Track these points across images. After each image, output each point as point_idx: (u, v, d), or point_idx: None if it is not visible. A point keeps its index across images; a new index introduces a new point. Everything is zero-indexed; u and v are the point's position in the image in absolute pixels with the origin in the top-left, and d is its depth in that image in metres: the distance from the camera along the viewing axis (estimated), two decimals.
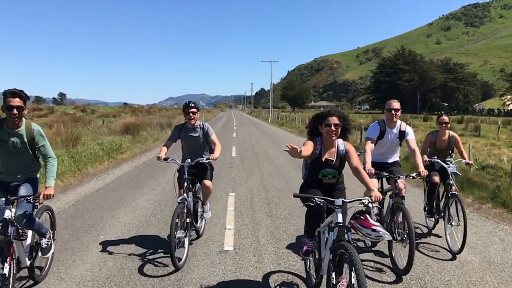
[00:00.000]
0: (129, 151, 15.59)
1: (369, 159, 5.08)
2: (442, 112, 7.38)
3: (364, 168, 4.37)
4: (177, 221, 4.60)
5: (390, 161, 5.50)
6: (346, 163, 3.89)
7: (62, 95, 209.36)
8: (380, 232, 3.24)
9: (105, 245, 5.45)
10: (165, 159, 5.22)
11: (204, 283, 4.29)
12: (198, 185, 5.67)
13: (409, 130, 5.37)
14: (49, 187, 3.93)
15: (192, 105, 5.38)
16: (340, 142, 3.87)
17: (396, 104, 5.23)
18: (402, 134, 5.33)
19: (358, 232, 3.33)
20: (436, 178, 5.81)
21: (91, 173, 10.99)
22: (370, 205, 3.43)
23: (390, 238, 3.53)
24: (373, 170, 4.92)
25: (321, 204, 3.46)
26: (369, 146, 5.21)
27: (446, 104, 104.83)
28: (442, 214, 5.74)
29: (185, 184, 5.10)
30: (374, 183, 4.51)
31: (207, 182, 5.47)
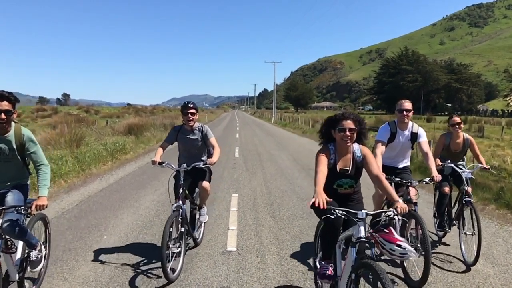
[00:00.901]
0: (132, 152, 15.64)
1: (379, 163, 4.72)
2: (455, 112, 7.10)
3: None
4: (170, 230, 4.30)
5: (400, 165, 5.22)
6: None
7: (66, 95, 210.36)
8: (406, 249, 2.86)
9: (108, 245, 5.47)
10: (160, 163, 4.92)
11: (207, 284, 4.30)
12: (197, 190, 5.42)
13: (421, 132, 5.07)
14: (42, 197, 3.58)
15: (191, 105, 5.11)
16: (356, 148, 3.56)
17: (408, 104, 4.93)
18: (414, 137, 5.04)
19: (380, 247, 2.96)
20: (447, 189, 5.42)
21: (95, 174, 11.02)
22: (396, 218, 3.08)
23: (416, 257, 3.14)
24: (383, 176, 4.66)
25: (342, 217, 3.06)
26: (380, 149, 4.87)
27: (450, 104, 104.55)
28: (456, 222, 5.43)
29: (181, 190, 4.81)
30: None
31: (204, 184, 5.23)
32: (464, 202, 5.15)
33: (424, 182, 4.74)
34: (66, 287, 4.21)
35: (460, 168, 5.36)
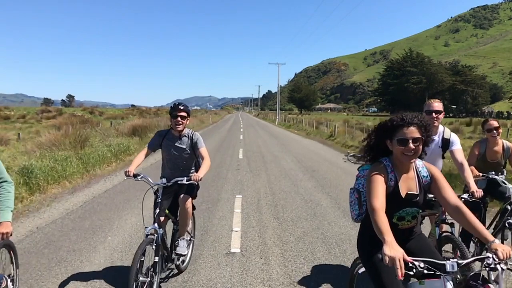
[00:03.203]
0: (136, 153, 15.64)
1: None
2: (490, 116, 5.75)
3: None
4: (142, 259, 3.50)
5: None
6: None
7: (70, 97, 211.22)
8: None
9: (112, 246, 5.48)
10: (135, 176, 4.07)
11: (211, 285, 4.29)
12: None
13: (454, 138, 4.21)
14: (5, 223, 3.01)
15: (182, 107, 4.31)
16: (419, 164, 2.70)
17: (437, 105, 4.10)
18: (446, 143, 4.18)
19: None
20: (476, 213, 4.38)
21: (99, 175, 11.05)
22: (499, 267, 2.13)
23: None
24: None
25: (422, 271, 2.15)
26: None
27: (455, 106, 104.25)
28: None
29: (157, 210, 3.99)
30: None
31: (184, 199, 4.32)
32: (507, 224, 4.28)
33: (462, 199, 3.64)
34: (71, 287, 4.22)
35: (504, 183, 4.48)
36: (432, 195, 3.13)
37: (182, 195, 4.34)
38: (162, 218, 4.07)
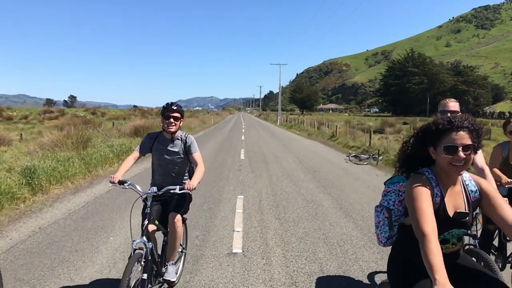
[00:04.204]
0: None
1: None
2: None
3: None
4: (129, 277, 3.09)
5: None
6: None
7: (72, 97, 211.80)
8: None
9: (114, 246, 5.50)
10: (121, 182, 3.67)
11: (213, 285, 4.31)
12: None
13: None
14: None
15: (175, 107, 3.92)
16: (466, 177, 2.29)
17: (453, 105, 3.78)
18: None
19: None
20: (492, 226, 4.12)
21: (101, 175, 11.08)
22: None
23: None
24: None
25: None
26: None
27: None
28: None
29: (146, 222, 3.59)
30: None
31: (173, 216, 3.87)
32: None
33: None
34: None
35: None
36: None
37: (171, 213, 3.88)
38: (151, 228, 3.67)
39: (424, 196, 2.06)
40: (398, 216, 2.44)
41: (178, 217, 3.88)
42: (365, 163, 14.68)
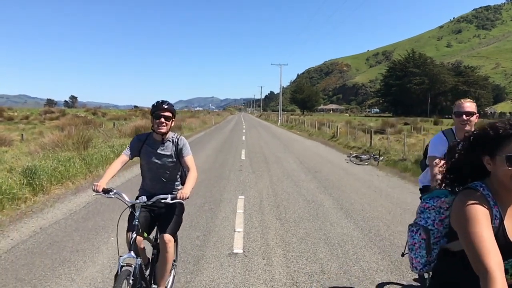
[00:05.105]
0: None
1: None
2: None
3: None
4: None
5: None
6: None
7: (73, 98, 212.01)
8: None
9: (115, 246, 5.49)
10: (106, 191, 3.33)
11: (213, 286, 4.31)
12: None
13: None
14: None
15: (166, 106, 3.54)
16: None
17: (469, 105, 3.52)
18: None
19: None
20: None
21: (102, 175, 11.05)
22: None
23: None
24: None
25: None
26: (439, 170, 3.21)
27: None
28: None
29: (133, 235, 3.23)
30: None
31: (166, 237, 3.46)
32: None
33: None
34: None
35: None
36: None
37: (162, 234, 3.49)
38: (140, 242, 3.38)
39: (482, 219, 1.64)
40: (437, 238, 2.04)
41: (170, 238, 3.48)
42: (366, 163, 14.68)
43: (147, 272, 3.65)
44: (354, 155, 16.14)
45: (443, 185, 2.03)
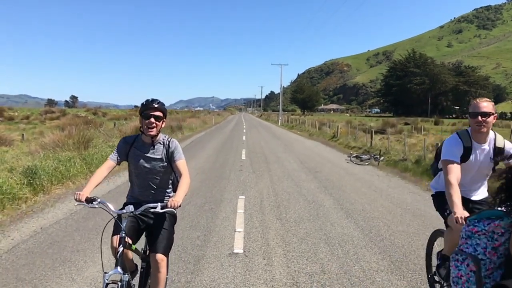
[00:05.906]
0: None
1: (458, 198, 2.94)
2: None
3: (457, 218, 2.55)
4: None
5: (475, 197, 3.47)
6: None
7: (74, 98, 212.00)
8: None
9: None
10: (89, 200, 3.08)
11: (214, 286, 4.31)
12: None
13: (510, 146, 3.32)
14: None
15: (156, 105, 3.20)
16: None
17: (486, 105, 3.20)
18: (498, 154, 3.30)
19: None
20: None
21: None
22: None
23: None
24: (464, 220, 2.49)
25: None
26: (455, 175, 3.12)
27: (458, 107, 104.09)
28: None
29: (120, 248, 2.97)
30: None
31: (158, 257, 3.12)
32: None
33: None
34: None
35: None
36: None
37: (154, 254, 3.14)
38: (127, 256, 3.14)
39: None
40: (490, 270, 1.65)
41: (163, 257, 3.14)
42: (366, 163, 14.67)
43: (134, 282, 3.35)
44: (355, 155, 16.13)
45: (498, 204, 1.67)
